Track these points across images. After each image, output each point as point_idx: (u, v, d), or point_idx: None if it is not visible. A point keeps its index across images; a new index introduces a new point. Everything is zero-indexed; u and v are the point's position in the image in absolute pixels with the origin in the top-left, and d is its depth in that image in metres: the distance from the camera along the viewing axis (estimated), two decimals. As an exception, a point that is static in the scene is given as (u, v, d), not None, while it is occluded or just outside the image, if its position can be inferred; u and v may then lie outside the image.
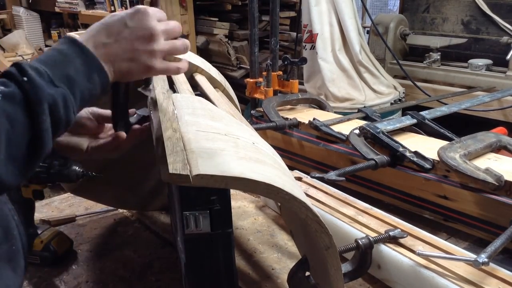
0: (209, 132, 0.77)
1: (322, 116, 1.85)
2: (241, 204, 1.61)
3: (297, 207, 0.70)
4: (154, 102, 0.91)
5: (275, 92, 2.52)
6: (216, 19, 4.13)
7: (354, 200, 1.36)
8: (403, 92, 3.31)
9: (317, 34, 3.20)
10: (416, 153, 1.41)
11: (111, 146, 0.96)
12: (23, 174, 0.63)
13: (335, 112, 2.04)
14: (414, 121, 1.69)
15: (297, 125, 1.82)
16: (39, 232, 1.29)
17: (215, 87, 1.27)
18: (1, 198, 0.79)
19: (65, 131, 0.69)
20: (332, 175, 1.31)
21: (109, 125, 1.01)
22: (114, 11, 4.36)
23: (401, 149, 1.43)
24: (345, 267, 1.08)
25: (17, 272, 0.78)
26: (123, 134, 0.94)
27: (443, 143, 1.45)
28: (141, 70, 0.77)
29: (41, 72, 0.64)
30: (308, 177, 1.44)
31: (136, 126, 0.98)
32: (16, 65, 0.64)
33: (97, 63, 0.71)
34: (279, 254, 1.31)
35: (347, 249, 1.09)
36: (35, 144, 0.62)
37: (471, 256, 1.01)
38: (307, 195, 1.38)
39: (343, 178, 1.32)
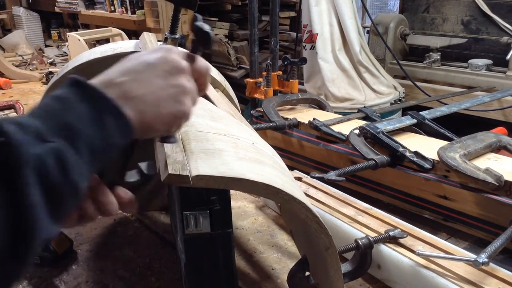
0: (209, 132, 0.77)
1: (322, 116, 1.85)
2: (241, 204, 1.61)
3: (297, 207, 0.70)
4: None
5: (275, 92, 2.52)
6: (216, 19, 4.12)
7: (354, 200, 1.36)
8: (403, 92, 3.30)
9: (317, 34, 3.20)
10: (416, 153, 1.41)
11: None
12: (10, 273, 0.44)
13: (335, 112, 2.05)
14: (414, 121, 1.69)
15: (297, 125, 1.82)
16: (39, 232, 1.29)
17: (215, 87, 1.27)
18: None
19: (79, 201, 0.50)
20: (332, 175, 1.31)
21: None
22: (114, 11, 4.34)
23: (401, 149, 1.43)
24: (345, 267, 1.08)
25: None
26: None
27: (443, 143, 1.45)
28: (171, 114, 0.60)
29: (25, 127, 0.46)
30: (308, 177, 1.44)
31: (127, 194, 0.70)
32: None
33: (110, 104, 0.53)
34: (279, 254, 1.31)
35: (347, 249, 1.09)
36: (20, 227, 0.43)
37: (471, 256, 1.02)
38: (307, 195, 1.38)
39: (343, 178, 1.32)
